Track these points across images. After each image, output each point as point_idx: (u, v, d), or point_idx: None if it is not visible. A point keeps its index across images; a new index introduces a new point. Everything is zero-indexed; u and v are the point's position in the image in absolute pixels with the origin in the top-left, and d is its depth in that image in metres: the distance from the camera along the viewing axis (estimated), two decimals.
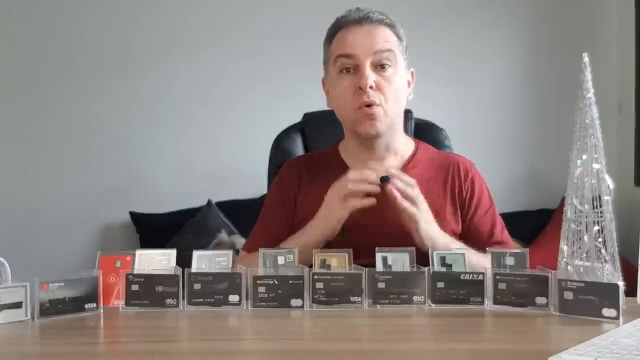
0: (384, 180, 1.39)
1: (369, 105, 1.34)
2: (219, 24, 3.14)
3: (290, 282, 1.07)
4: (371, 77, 1.34)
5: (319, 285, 1.07)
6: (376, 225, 1.30)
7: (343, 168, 1.43)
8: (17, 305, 0.99)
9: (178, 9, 3.14)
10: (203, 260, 1.11)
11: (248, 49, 3.12)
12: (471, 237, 1.41)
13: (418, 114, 1.72)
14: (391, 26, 1.39)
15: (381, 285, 1.07)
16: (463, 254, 1.12)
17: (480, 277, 1.07)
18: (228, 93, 3.14)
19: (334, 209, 1.28)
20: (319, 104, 1.48)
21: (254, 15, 3.13)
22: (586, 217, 1.02)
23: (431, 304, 1.08)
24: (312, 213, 1.38)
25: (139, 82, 3.12)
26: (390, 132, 1.41)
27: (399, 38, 1.40)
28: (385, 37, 1.37)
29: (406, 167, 1.43)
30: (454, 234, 1.41)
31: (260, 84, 3.12)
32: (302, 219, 1.42)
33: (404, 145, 1.47)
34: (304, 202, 1.44)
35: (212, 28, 3.13)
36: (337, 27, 1.40)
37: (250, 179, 2.75)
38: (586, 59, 1.03)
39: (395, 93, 1.37)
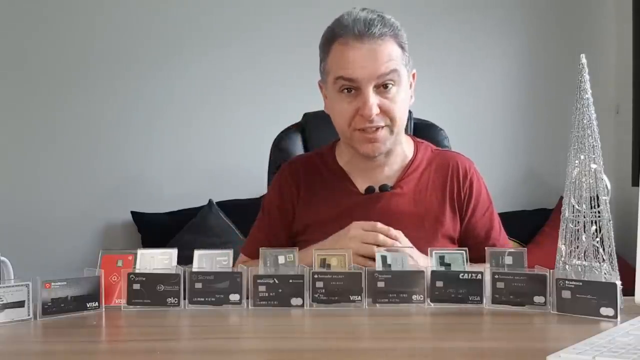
0: (384, 189, 1.40)
1: (370, 129, 1.31)
2: (219, 25, 3.14)
3: (291, 281, 1.07)
4: (375, 103, 1.28)
5: (319, 284, 1.08)
6: None
7: (341, 176, 1.43)
8: (20, 304, 1.00)
9: (180, 11, 3.14)
10: (204, 260, 1.12)
11: (248, 49, 3.12)
12: (468, 238, 1.41)
13: (418, 114, 1.72)
14: (394, 36, 1.30)
15: (381, 284, 1.08)
16: (462, 254, 1.12)
17: (479, 276, 1.08)
18: (228, 93, 3.14)
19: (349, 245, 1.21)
20: (319, 104, 1.48)
21: (254, 16, 3.13)
22: (584, 216, 1.03)
23: (430, 303, 1.08)
24: (310, 230, 1.39)
25: (140, 82, 3.12)
26: (392, 146, 1.38)
27: (403, 48, 1.32)
28: (389, 56, 1.28)
29: (406, 173, 1.42)
30: (451, 240, 1.41)
31: (260, 84, 3.12)
32: (301, 232, 1.42)
33: (405, 148, 1.44)
34: (303, 215, 1.43)
35: (213, 29, 3.13)
36: (335, 36, 1.31)
37: (250, 179, 2.76)
38: (584, 60, 1.04)
39: (400, 110, 1.32)
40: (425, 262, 1.16)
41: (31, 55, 3.09)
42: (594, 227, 1.02)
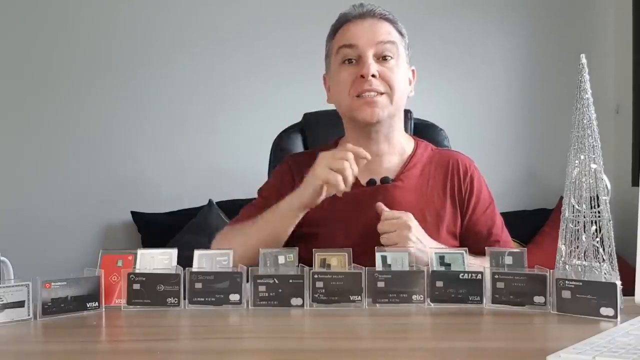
0: (385, 181, 1.40)
1: (369, 94, 1.36)
2: (219, 23, 3.14)
3: (291, 281, 1.08)
4: (374, 66, 1.36)
5: (319, 284, 1.08)
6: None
7: None
8: (20, 304, 1.00)
9: (179, 12, 3.14)
10: (204, 260, 1.12)
11: (248, 48, 3.12)
12: (470, 235, 1.42)
13: (418, 114, 1.72)
14: (394, 22, 1.42)
15: (381, 284, 1.08)
16: (462, 254, 1.12)
17: (479, 276, 1.08)
18: (228, 93, 3.14)
19: (316, 174, 1.28)
20: (319, 104, 1.48)
21: (254, 14, 3.13)
22: (584, 216, 1.03)
23: (430, 303, 1.08)
24: (312, 222, 1.38)
25: (139, 82, 3.12)
26: (390, 123, 1.41)
27: (401, 34, 1.43)
28: (388, 31, 1.40)
29: (406, 167, 1.44)
30: (453, 235, 1.42)
31: (260, 84, 3.12)
32: (302, 224, 1.42)
33: (405, 143, 1.47)
34: None
35: (212, 27, 3.13)
36: (341, 22, 1.43)
37: (250, 179, 2.74)
38: (584, 60, 1.04)
39: (398, 81, 1.38)
40: (429, 242, 1.22)
41: (31, 56, 3.09)
42: (594, 227, 1.02)
